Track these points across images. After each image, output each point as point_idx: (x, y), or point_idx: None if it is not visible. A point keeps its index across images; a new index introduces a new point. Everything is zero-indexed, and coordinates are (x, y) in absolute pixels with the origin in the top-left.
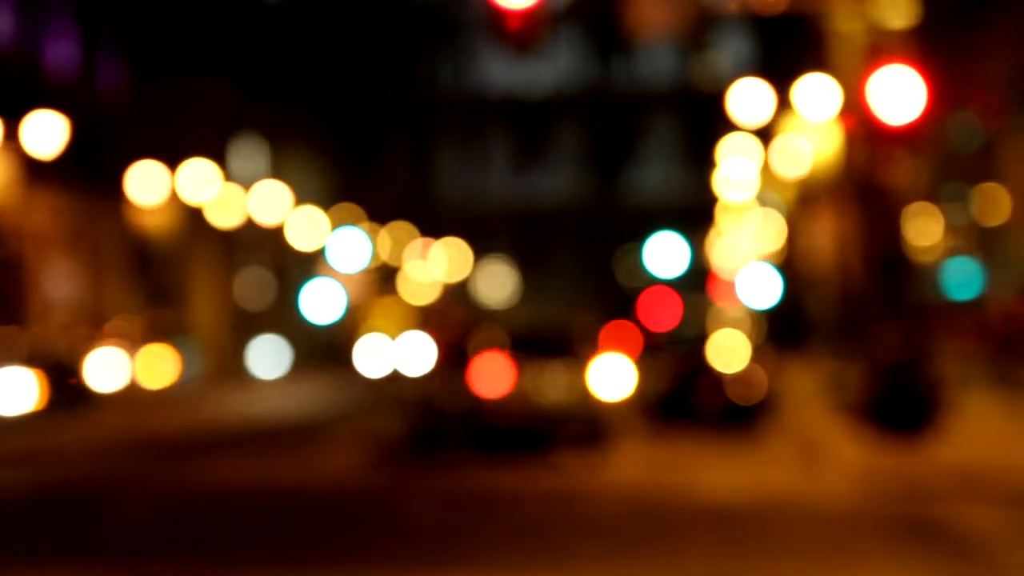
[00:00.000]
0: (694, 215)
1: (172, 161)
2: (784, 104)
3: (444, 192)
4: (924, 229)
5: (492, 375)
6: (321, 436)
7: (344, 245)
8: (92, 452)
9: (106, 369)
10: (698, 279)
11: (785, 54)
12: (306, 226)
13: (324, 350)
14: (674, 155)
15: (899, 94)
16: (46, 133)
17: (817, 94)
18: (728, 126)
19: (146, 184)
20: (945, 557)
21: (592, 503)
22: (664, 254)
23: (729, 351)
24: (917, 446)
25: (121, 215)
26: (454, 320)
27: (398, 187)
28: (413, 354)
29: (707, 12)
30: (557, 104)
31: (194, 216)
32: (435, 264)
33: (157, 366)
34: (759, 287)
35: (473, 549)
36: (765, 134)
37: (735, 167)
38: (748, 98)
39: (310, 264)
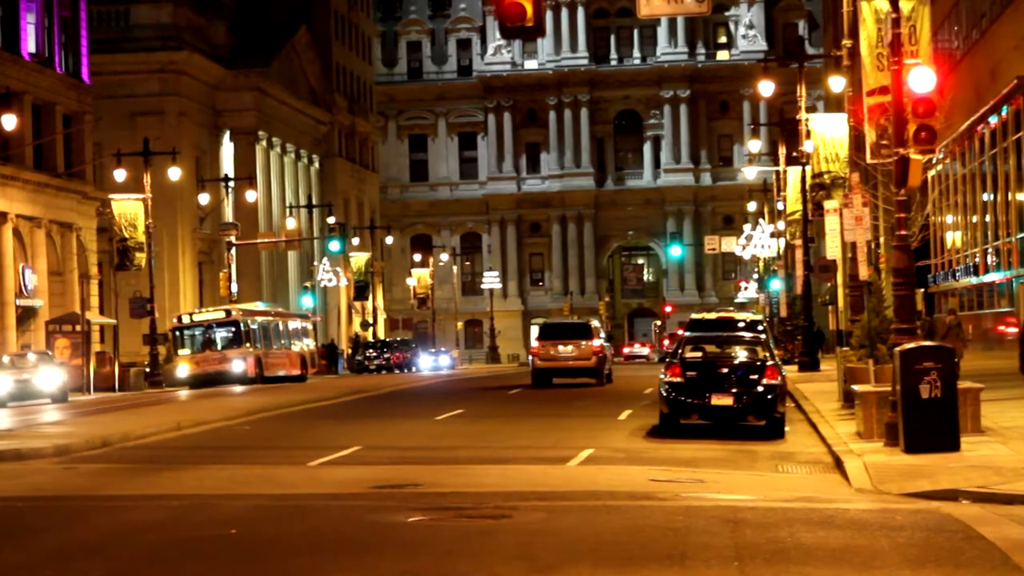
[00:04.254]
0: (711, 206)
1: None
2: (802, 84)
3: (441, 185)
4: (954, 211)
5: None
6: None
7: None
8: None
9: None
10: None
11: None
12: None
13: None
14: (686, 143)
15: (922, 64)
16: (10, 118)
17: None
18: (748, 110)
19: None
20: (970, 562)
21: (597, 502)
22: (681, 250)
23: (743, 338)
24: (941, 447)
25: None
26: None
27: (393, 181)
28: None
29: None
30: (559, 88)
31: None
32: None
33: None
34: (777, 279)
35: (470, 555)
36: (783, 119)
37: (754, 152)
38: (767, 81)
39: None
